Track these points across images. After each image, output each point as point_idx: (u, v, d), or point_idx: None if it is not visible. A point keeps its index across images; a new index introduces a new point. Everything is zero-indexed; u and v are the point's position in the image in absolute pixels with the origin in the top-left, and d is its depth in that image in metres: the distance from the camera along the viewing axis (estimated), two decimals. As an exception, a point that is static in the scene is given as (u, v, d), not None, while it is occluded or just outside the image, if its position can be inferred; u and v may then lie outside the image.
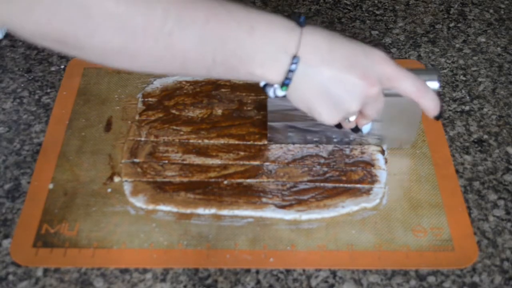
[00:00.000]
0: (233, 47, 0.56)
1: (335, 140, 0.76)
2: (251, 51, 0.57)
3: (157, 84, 0.85)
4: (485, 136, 0.80)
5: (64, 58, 0.89)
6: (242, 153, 0.76)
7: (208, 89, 0.84)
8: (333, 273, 0.66)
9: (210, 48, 0.56)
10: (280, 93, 0.60)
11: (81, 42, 0.54)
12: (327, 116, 0.61)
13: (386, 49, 0.92)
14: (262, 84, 0.62)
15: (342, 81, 0.58)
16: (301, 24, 0.58)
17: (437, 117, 0.65)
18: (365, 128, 0.69)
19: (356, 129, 0.69)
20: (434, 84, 0.67)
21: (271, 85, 0.61)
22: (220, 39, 0.56)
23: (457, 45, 0.93)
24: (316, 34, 0.58)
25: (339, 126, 0.67)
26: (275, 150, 0.76)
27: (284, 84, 0.58)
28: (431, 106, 0.64)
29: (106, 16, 0.52)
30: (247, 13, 0.57)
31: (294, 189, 0.73)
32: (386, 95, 0.63)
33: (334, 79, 0.58)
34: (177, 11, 0.54)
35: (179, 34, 0.54)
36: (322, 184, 0.73)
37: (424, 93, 0.63)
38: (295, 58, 0.57)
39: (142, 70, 0.59)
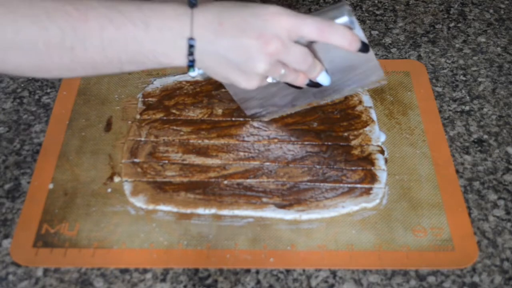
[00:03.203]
0: (134, 46, 0.60)
1: (312, 98, 0.76)
2: (152, 45, 0.60)
3: (157, 84, 0.85)
4: (485, 136, 0.81)
5: (64, 58, 0.89)
6: (242, 153, 0.76)
7: (208, 89, 0.84)
8: (333, 273, 0.66)
9: (114, 52, 0.61)
10: (192, 73, 0.63)
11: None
12: (245, 82, 0.64)
13: (386, 49, 0.92)
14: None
15: (239, 47, 0.61)
16: (192, 5, 0.61)
17: (361, 50, 0.65)
18: (323, 80, 0.68)
19: (313, 84, 0.68)
20: (343, 19, 0.64)
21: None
22: (120, 42, 0.60)
23: (457, 45, 0.93)
24: (206, 11, 0.61)
25: (292, 86, 0.68)
26: (275, 150, 0.76)
27: (190, 66, 0.62)
28: (343, 42, 0.63)
29: (10, 44, 0.58)
30: (139, 10, 0.60)
31: (294, 189, 0.73)
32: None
33: (231, 48, 0.61)
34: (71, 25, 0.58)
35: (80, 46, 0.59)
36: (322, 184, 0.73)
37: (328, 32, 0.62)
38: (190, 40, 0.60)
39: (62, 77, 0.67)
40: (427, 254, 0.67)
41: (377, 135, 0.78)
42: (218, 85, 0.84)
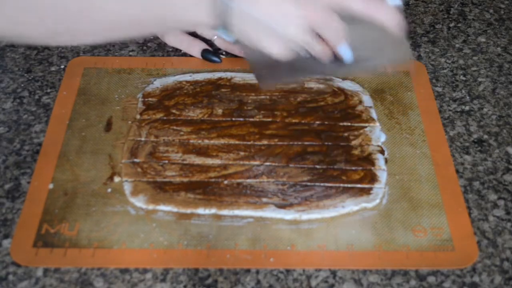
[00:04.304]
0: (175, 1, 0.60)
1: (328, 71, 0.76)
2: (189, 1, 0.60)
3: (157, 84, 0.85)
4: (485, 136, 0.81)
5: (64, 58, 0.89)
6: (242, 153, 0.76)
7: (208, 89, 0.84)
8: (333, 273, 0.66)
9: (158, 9, 0.60)
10: (223, 35, 0.62)
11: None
12: (276, 48, 0.63)
13: (386, 49, 0.92)
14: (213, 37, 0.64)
15: (278, 11, 0.60)
16: None
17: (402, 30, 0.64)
18: (346, 55, 0.67)
19: (337, 60, 0.67)
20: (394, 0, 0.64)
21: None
22: None
23: (457, 45, 0.93)
24: None
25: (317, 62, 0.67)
26: (275, 150, 0.76)
27: (224, 26, 0.61)
28: (387, 19, 0.63)
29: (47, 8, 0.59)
30: None
31: (294, 189, 0.73)
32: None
33: (270, 10, 0.60)
34: None
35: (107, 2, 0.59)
36: (322, 184, 0.73)
37: (374, 7, 0.62)
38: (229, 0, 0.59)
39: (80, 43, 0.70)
40: (427, 254, 0.67)
41: (377, 135, 0.78)
42: (218, 85, 0.84)
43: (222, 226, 0.70)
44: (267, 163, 0.75)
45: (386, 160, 0.76)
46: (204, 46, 0.87)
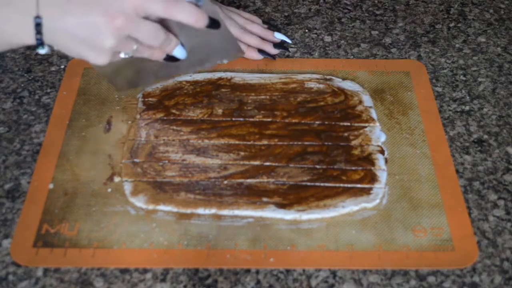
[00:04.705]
0: None
1: (176, 70, 0.79)
2: (0, 26, 0.61)
3: (157, 84, 0.85)
4: (485, 136, 0.81)
5: (64, 58, 0.89)
6: (242, 153, 0.76)
7: (208, 89, 0.84)
8: (333, 273, 0.66)
9: None
10: (42, 51, 0.64)
11: None
12: (96, 58, 0.65)
13: (386, 49, 0.92)
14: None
15: (86, 24, 0.62)
16: None
17: (210, 26, 0.67)
18: (179, 54, 0.70)
19: (170, 58, 0.70)
20: None
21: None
22: None
23: (457, 45, 0.93)
24: None
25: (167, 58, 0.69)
26: (275, 150, 0.76)
27: (39, 44, 0.63)
28: (189, 19, 0.65)
29: None
30: None
31: (294, 189, 0.73)
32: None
33: (79, 25, 0.62)
34: None
35: None
36: (322, 184, 0.73)
37: (175, 9, 0.64)
38: (37, 18, 0.61)
39: None
40: (427, 254, 0.67)
41: (377, 135, 0.78)
42: (218, 85, 0.84)
43: (222, 226, 0.70)
44: (267, 163, 0.75)
45: (386, 160, 0.76)
46: None
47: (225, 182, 0.73)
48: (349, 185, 0.73)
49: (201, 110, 0.81)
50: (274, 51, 0.86)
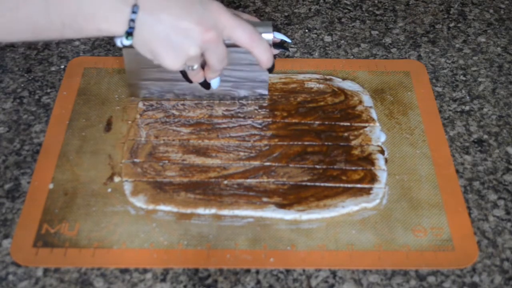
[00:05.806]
0: (75, 8, 0.60)
1: (198, 94, 0.81)
2: (92, 8, 0.60)
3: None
4: (485, 136, 0.81)
5: (64, 58, 0.89)
6: (242, 153, 0.76)
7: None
8: (333, 273, 0.66)
9: (55, 15, 0.60)
10: (126, 42, 0.63)
11: None
12: (170, 61, 0.65)
13: (386, 49, 0.92)
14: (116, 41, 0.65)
15: (179, 26, 0.63)
16: None
17: (270, 70, 0.72)
18: (214, 82, 0.73)
19: (205, 84, 0.73)
20: (269, 36, 0.72)
21: (119, 36, 0.64)
22: (62, 3, 0.60)
23: (457, 45, 0.93)
24: None
25: (187, 79, 0.71)
26: (275, 150, 0.76)
27: (128, 33, 0.62)
28: (263, 56, 0.69)
29: None
30: None
31: (294, 189, 0.73)
32: (228, 46, 0.67)
33: (172, 25, 0.62)
34: None
35: (24, 7, 0.59)
36: (322, 184, 0.73)
37: (257, 43, 0.68)
38: (134, 7, 0.61)
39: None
40: (427, 254, 0.67)
41: (377, 135, 0.78)
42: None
43: (222, 226, 0.70)
44: (267, 163, 0.75)
45: (386, 160, 0.76)
46: None
47: (225, 182, 0.73)
48: (349, 185, 0.73)
49: (201, 111, 0.81)
50: (274, 51, 0.86)
